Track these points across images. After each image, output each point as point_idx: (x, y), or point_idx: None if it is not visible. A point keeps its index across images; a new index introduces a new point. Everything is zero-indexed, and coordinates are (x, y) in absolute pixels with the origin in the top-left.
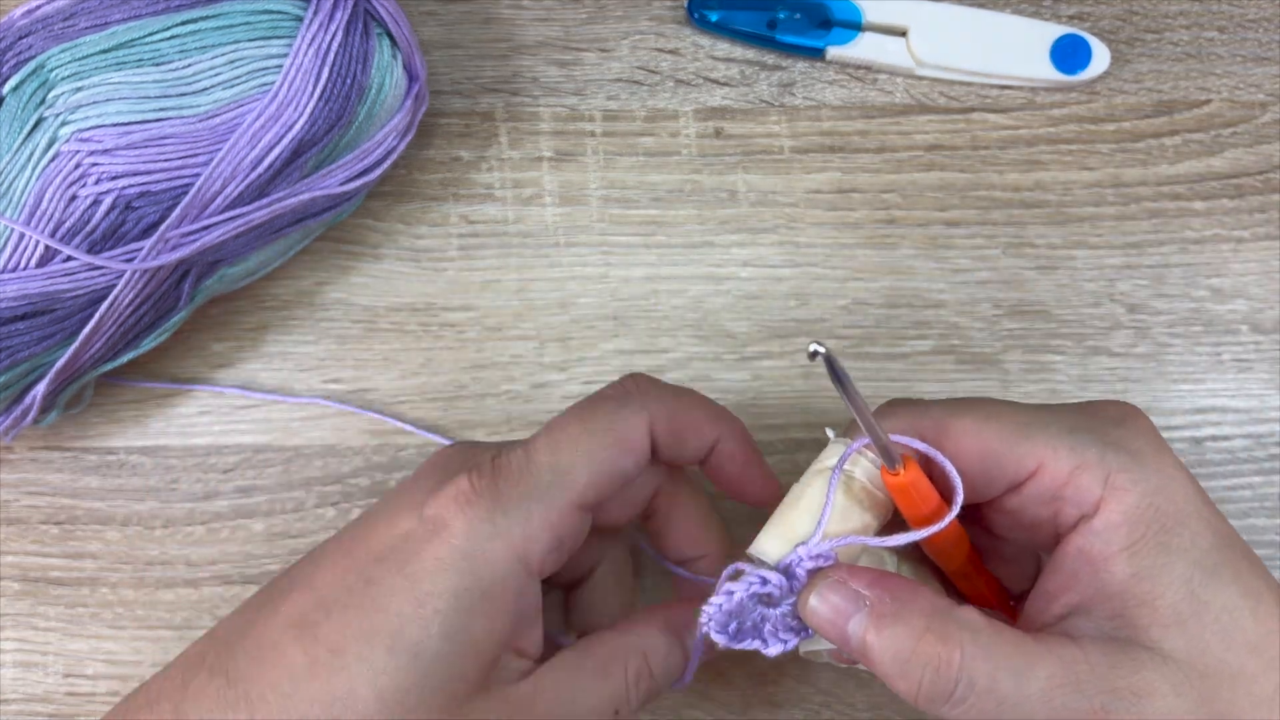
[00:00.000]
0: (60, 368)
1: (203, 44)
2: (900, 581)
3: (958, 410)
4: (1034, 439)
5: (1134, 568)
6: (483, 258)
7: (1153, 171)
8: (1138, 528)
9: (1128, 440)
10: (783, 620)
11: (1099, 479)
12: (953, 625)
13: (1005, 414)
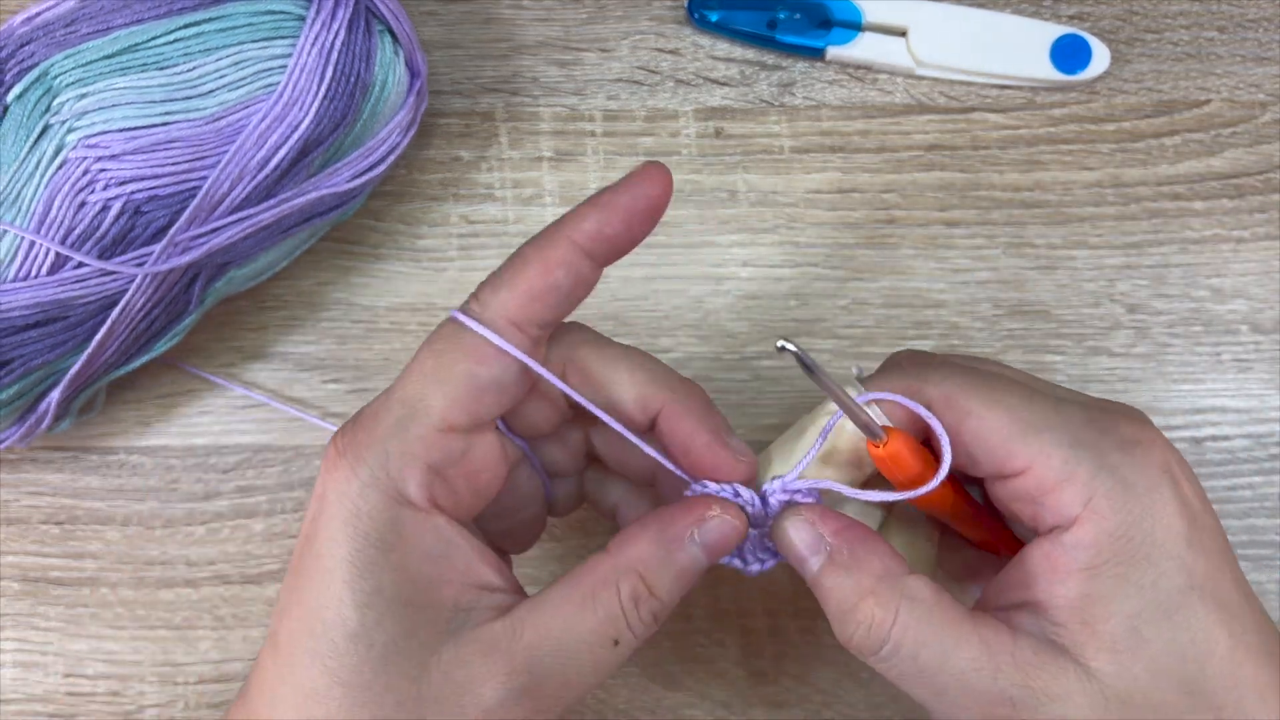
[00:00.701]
0: (74, 374)
1: (206, 46)
2: (863, 536)
3: (966, 386)
4: (1030, 443)
5: (1086, 589)
6: (483, 258)
7: (1153, 171)
8: (1102, 554)
9: (1126, 467)
10: (760, 542)
11: (1081, 498)
12: (895, 592)
13: (1014, 404)
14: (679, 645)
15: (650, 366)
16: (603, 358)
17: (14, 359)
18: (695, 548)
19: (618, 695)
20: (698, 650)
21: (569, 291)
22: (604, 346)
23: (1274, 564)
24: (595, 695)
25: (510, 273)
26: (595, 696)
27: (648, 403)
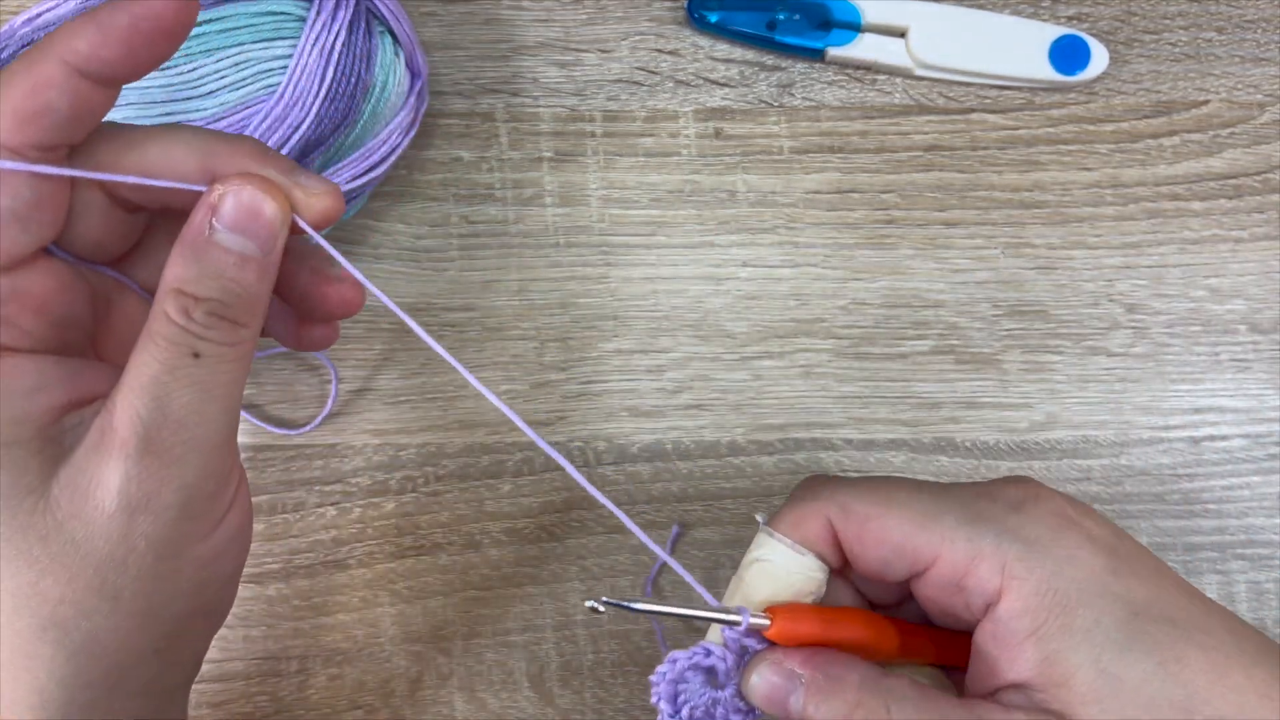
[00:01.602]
0: None
1: (207, 47)
2: (830, 655)
3: (860, 494)
4: (930, 530)
5: (1042, 652)
6: (483, 258)
7: (1151, 172)
8: (1039, 614)
9: (1024, 526)
10: (732, 702)
11: (996, 568)
12: (880, 697)
13: (908, 501)
14: (678, 644)
15: (190, 132)
16: (134, 140)
17: None
18: (223, 235)
19: (617, 694)
20: None
21: (69, 114)
22: (132, 130)
23: (1273, 564)
24: (595, 695)
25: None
26: (595, 696)
27: (204, 164)
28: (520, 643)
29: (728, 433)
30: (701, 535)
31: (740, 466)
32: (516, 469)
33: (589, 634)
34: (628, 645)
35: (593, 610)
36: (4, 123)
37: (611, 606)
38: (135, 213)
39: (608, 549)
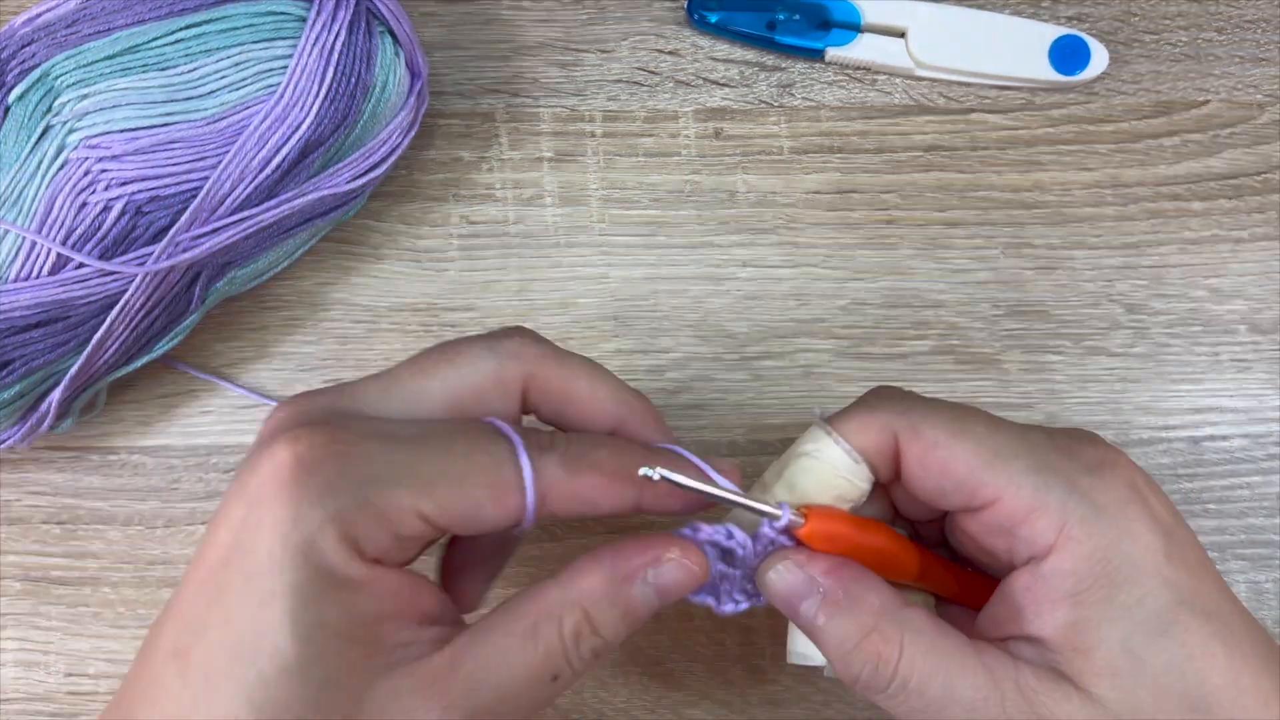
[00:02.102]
0: (74, 374)
1: (207, 47)
2: (856, 574)
3: (932, 417)
4: (998, 470)
5: (1074, 616)
6: (484, 258)
7: (1151, 172)
8: (1084, 580)
9: (1096, 490)
10: (739, 583)
11: (1054, 525)
12: (896, 626)
13: (980, 434)
14: (679, 645)
15: (608, 381)
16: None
17: (15, 359)
18: (648, 589)
19: (618, 695)
20: (698, 650)
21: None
22: (565, 362)
23: (1273, 564)
24: (596, 695)
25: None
26: (595, 696)
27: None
28: None
29: (728, 433)
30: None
31: (740, 467)
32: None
33: None
34: (627, 645)
35: (645, 479)
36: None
37: (665, 479)
38: None
39: None
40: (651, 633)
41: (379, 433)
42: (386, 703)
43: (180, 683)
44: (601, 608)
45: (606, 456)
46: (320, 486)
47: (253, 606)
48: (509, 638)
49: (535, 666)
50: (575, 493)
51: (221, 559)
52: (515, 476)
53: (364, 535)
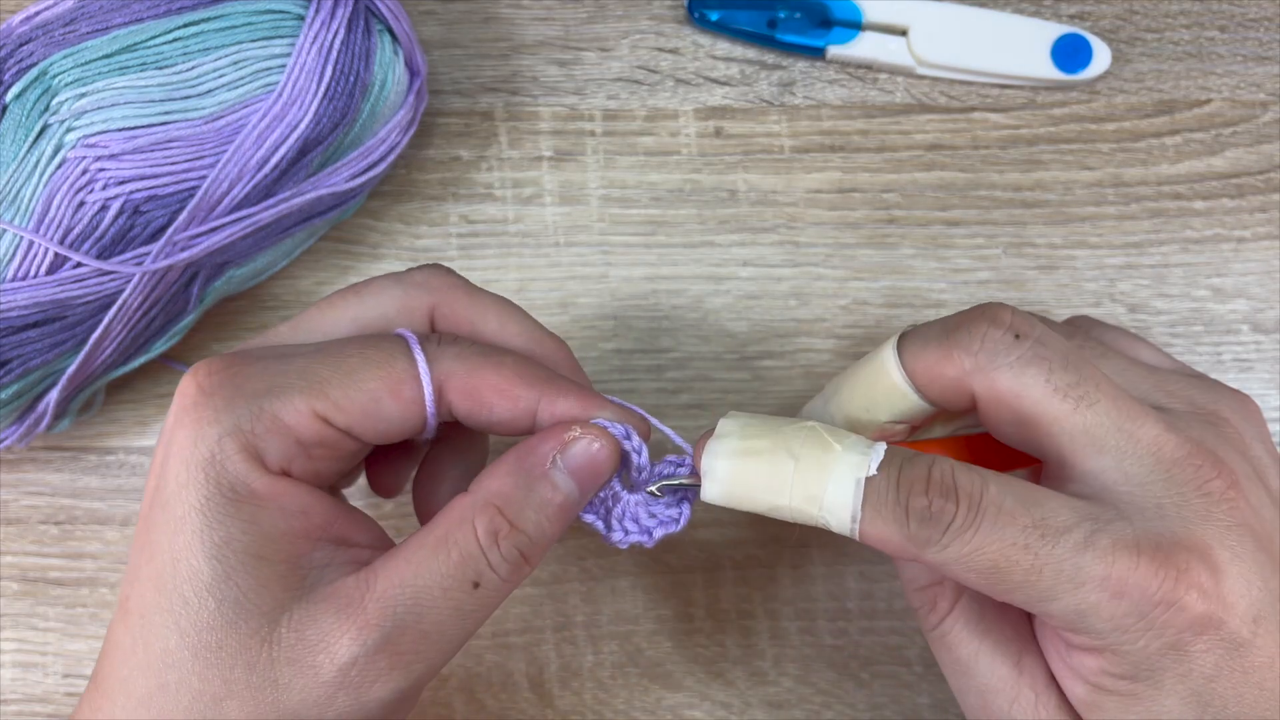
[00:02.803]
0: (72, 374)
1: (205, 46)
2: None
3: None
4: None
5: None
6: (483, 257)
7: (1153, 171)
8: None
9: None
10: (632, 510)
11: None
12: (959, 590)
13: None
14: (679, 645)
15: (520, 318)
16: (472, 307)
17: (13, 359)
18: (560, 474)
19: (617, 696)
20: (698, 650)
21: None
22: (474, 295)
23: None
24: (595, 696)
25: (479, 359)
26: (595, 697)
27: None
28: (519, 644)
29: None
30: (702, 535)
31: None
32: None
33: (588, 635)
34: (628, 646)
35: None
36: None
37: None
38: None
39: (607, 550)
40: (651, 634)
41: (276, 353)
42: (301, 627)
43: (124, 629)
44: (515, 503)
45: (510, 361)
46: (218, 405)
47: (169, 534)
48: (421, 550)
49: (452, 573)
50: (473, 388)
51: (148, 502)
52: (410, 367)
53: (264, 444)
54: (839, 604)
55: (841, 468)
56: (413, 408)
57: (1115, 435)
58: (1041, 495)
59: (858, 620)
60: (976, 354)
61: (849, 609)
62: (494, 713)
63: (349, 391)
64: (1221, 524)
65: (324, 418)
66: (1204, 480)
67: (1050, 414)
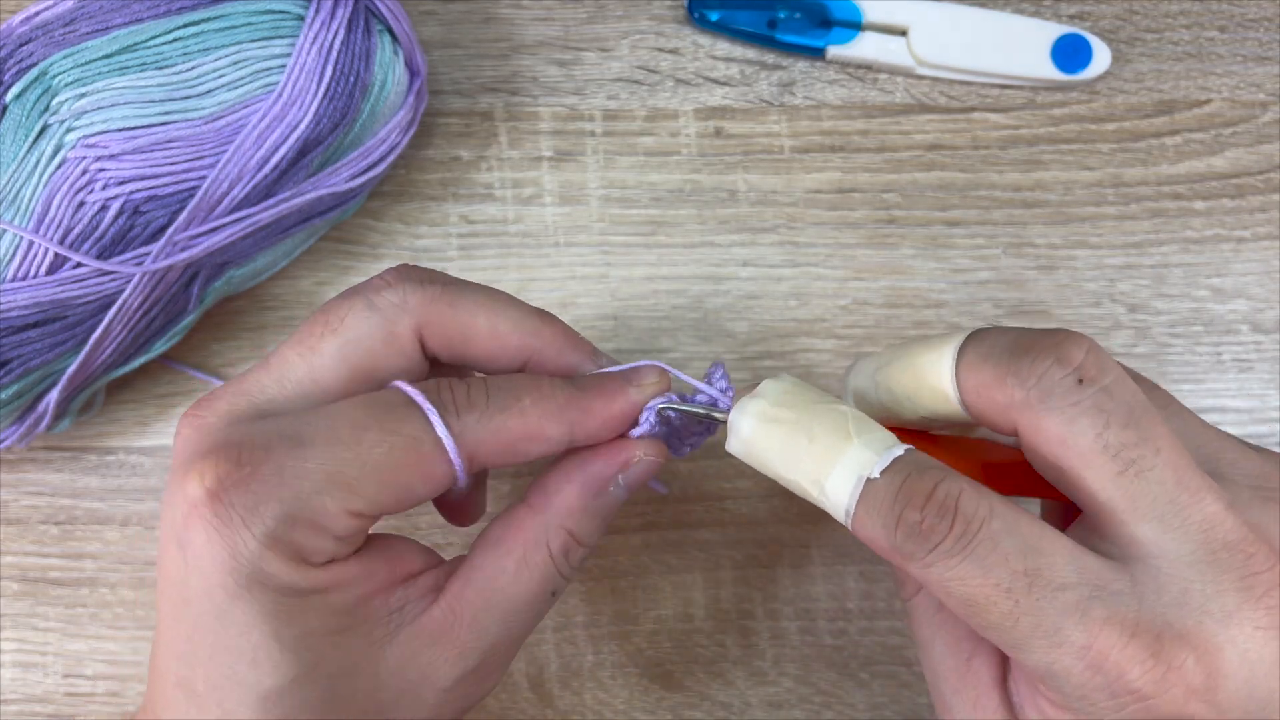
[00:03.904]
0: (72, 374)
1: (205, 46)
2: None
3: (1078, 443)
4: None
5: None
6: (482, 257)
7: (1153, 171)
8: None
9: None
10: (681, 434)
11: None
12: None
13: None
14: (679, 645)
15: (508, 311)
16: (458, 316)
17: (13, 359)
18: (619, 490)
19: (618, 696)
20: (698, 650)
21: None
22: (457, 303)
23: None
24: (595, 696)
25: (501, 415)
26: (595, 697)
27: (525, 342)
28: None
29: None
30: (702, 536)
31: (740, 467)
32: (517, 469)
33: (588, 635)
34: (627, 646)
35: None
36: (493, 450)
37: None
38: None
39: (607, 550)
40: (652, 634)
41: (284, 436)
42: (402, 667)
43: (195, 708)
44: (582, 522)
45: (530, 405)
46: (242, 516)
47: (233, 636)
48: (504, 575)
49: (535, 591)
50: (503, 447)
51: (181, 597)
52: (436, 449)
53: (305, 547)
54: (839, 604)
55: (849, 460)
56: (444, 481)
57: (1164, 507)
58: (1049, 543)
59: (858, 620)
60: (1030, 389)
61: (849, 609)
62: (494, 713)
63: (380, 487)
64: (1248, 624)
65: (358, 513)
66: (1251, 572)
67: (1093, 473)
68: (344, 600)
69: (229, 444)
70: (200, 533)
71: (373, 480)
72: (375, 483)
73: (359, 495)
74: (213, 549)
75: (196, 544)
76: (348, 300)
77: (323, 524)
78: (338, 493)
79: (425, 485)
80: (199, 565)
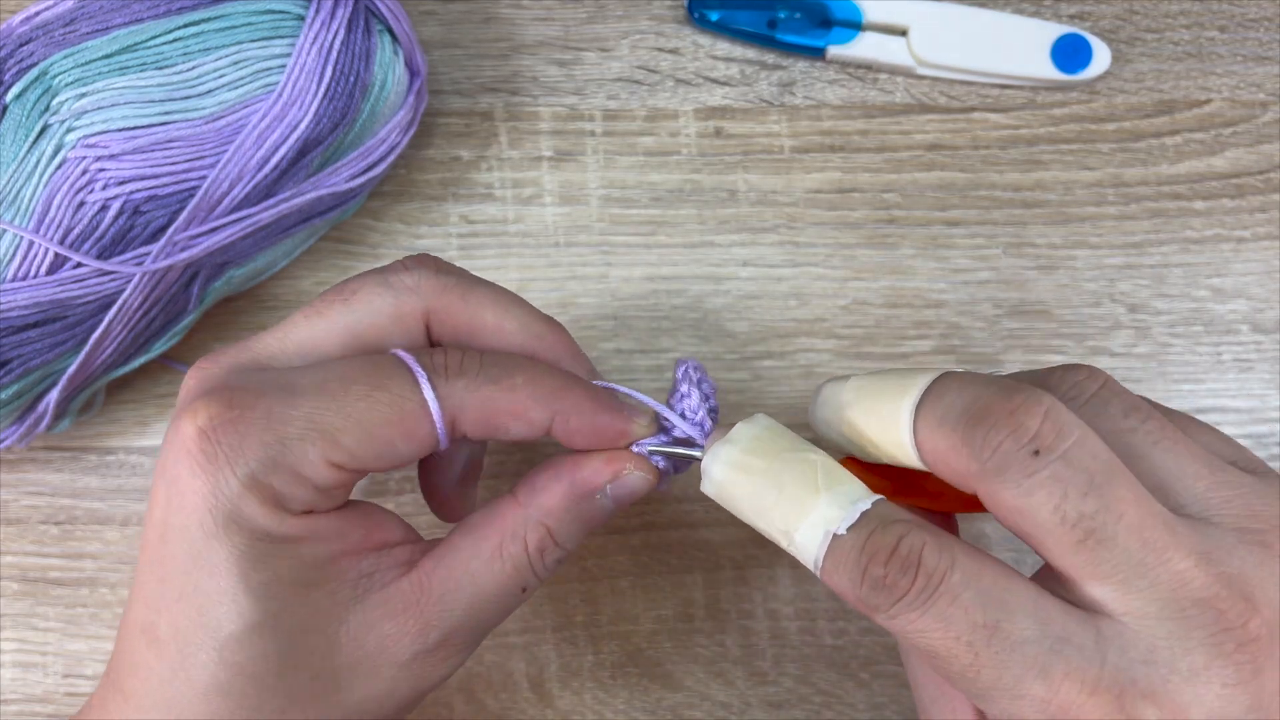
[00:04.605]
0: (72, 374)
1: (206, 46)
2: None
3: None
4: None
5: None
6: (482, 257)
7: (1153, 171)
8: None
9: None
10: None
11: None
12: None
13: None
14: (679, 645)
15: (516, 311)
16: (468, 308)
17: (13, 359)
18: (606, 500)
19: (618, 696)
20: (698, 650)
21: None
22: (468, 295)
23: None
24: (595, 696)
25: (491, 386)
26: (595, 697)
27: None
28: (519, 644)
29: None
30: (702, 536)
31: None
32: (517, 469)
33: (588, 635)
34: (627, 646)
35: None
36: (479, 420)
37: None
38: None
39: (607, 549)
40: (652, 634)
41: (277, 385)
42: (361, 634)
43: (154, 654)
44: (563, 522)
45: (521, 383)
46: (227, 455)
47: (203, 577)
48: (477, 559)
49: (505, 583)
50: (486, 417)
51: (159, 536)
52: (421, 409)
53: (284, 493)
54: (839, 604)
55: (816, 516)
56: (426, 442)
57: (1128, 570)
58: (1013, 596)
59: (858, 620)
60: (985, 462)
61: (849, 609)
62: (494, 713)
63: (362, 439)
64: (1216, 682)
65: (339, 465)
66: (1221, 628)
67: (1053, 541)
68: (315, 554)
69: (225, 388)
70: (186, 468)
71: (354, 432)
72: (356, 435)
73: (339, 447)
74: (196, 484)
75: (182, 480)
76: (364, 277)
77: (302, 472)
78: (319, 441)
79: (406, 444)
80: (181, 502)
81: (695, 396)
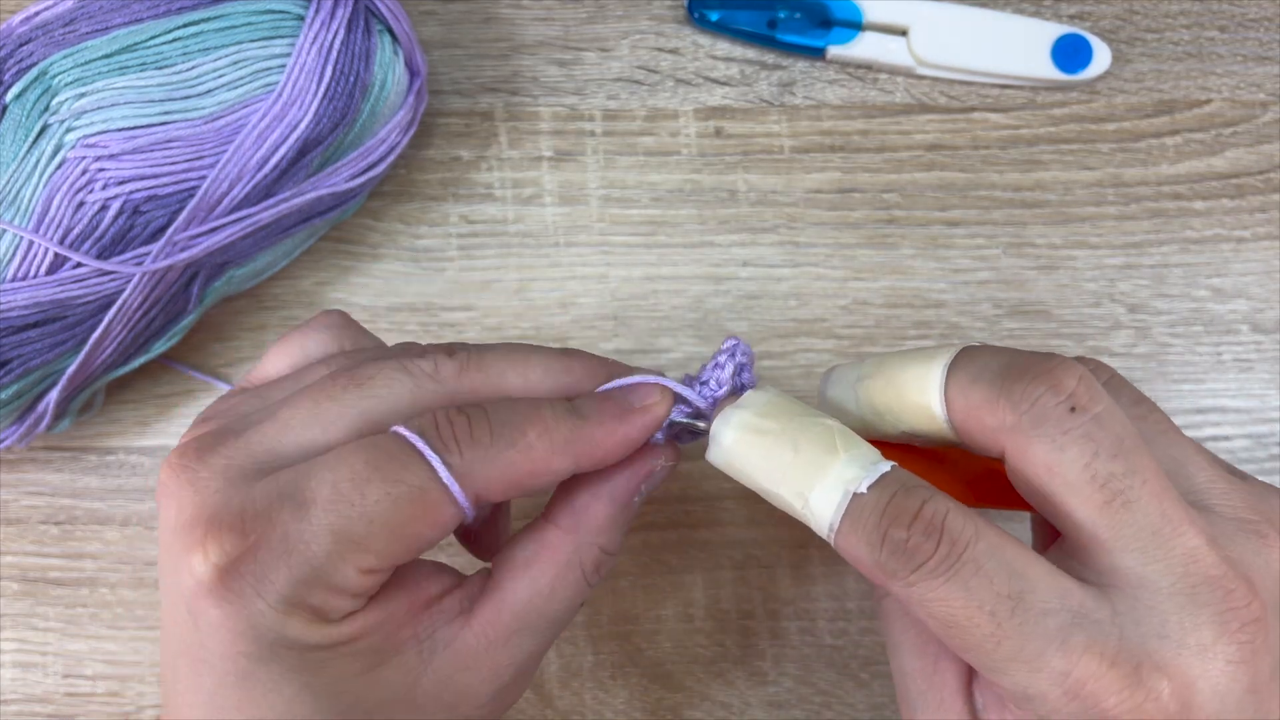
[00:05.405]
0: (72, 374)
1: (205, 46)
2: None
3: (1065, 467)
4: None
5: None
6: (482, 257)
7: (1153, 171)
8: None
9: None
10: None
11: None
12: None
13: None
14: (679, 645)
15: (536, 363)
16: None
17: (13, 359)
18: (641, 498)
19: (618, 696)
20: (698, 650)
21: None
22: (488, 371)
23: None
24: (595, 696)
25: (508, 451)
26: (595, 698)
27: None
28: None
29: None
30: (702, 536)
31: None
32: None
33: (588, 635)
34: (627, 646)
35: None
36: (498, 485)
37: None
38: None
39: None
40: (651, 634)
41: (286, 496)
42: (438, 691)
43: None
44: (611, 535)
45: (535, 439)
46: (254, 586)
47: (263, 694)
48: (538, 596)
49: (570, 608)
50: (509, 484)
51: (199, 658)
52: (443, 494)
53: (322, 607)
54: (839, 604)
55: (836, 474)
56: (452, 522)
57: (1147, 539)
58: (1033, 568)
59: (858, 620)
60: (1023, 414)
61: (849, 609)
62: None
63: (389, 541)
64: (1221, 658)
65: (371, 570)
66: (1228, 607)
67: (1079, 501)
68: (371, 644)
69: (230, 512)
70: (213, 607)
71: (381, 535)
72: (384, 537)
73: (369, 552)
74: (229, 621)
75: (210, 616)
76: (379, 363)
77: (337, 584)
78: (347, 553)
79: (435, 530)
80: (216, 634)
81: (729, 369)
